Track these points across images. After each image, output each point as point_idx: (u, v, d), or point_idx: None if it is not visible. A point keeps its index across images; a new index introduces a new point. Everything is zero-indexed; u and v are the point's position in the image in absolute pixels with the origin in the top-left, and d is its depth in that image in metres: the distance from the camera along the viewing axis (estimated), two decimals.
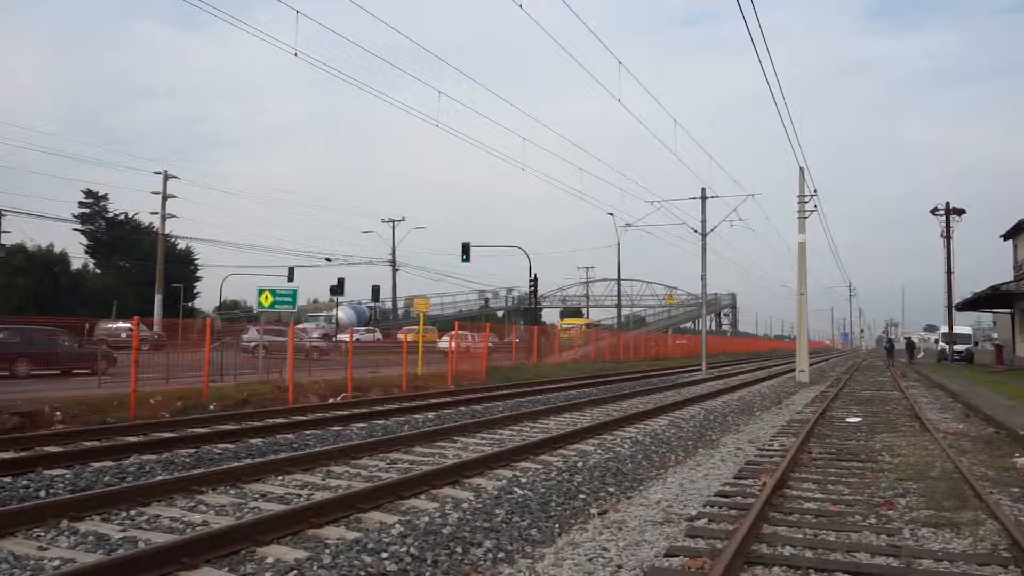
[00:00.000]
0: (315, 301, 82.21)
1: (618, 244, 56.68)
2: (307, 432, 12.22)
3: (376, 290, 58.69)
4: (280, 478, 8.60)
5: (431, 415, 15.04)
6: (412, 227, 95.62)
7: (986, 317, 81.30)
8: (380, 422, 13.73)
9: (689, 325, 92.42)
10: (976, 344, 66.78)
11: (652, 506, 7.55)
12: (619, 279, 60.82)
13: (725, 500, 7.74)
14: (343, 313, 60.53)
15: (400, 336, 37.51)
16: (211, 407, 15.23)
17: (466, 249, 43.65)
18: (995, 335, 66.83)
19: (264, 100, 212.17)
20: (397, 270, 58.00)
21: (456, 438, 12.09)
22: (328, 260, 53.26)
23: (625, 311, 74.83)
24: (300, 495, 7.77)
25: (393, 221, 57.97)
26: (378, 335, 51.05)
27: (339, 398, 18.09)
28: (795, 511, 7.25)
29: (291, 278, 48.91)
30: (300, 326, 32.06)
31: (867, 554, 5.80)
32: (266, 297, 20.74)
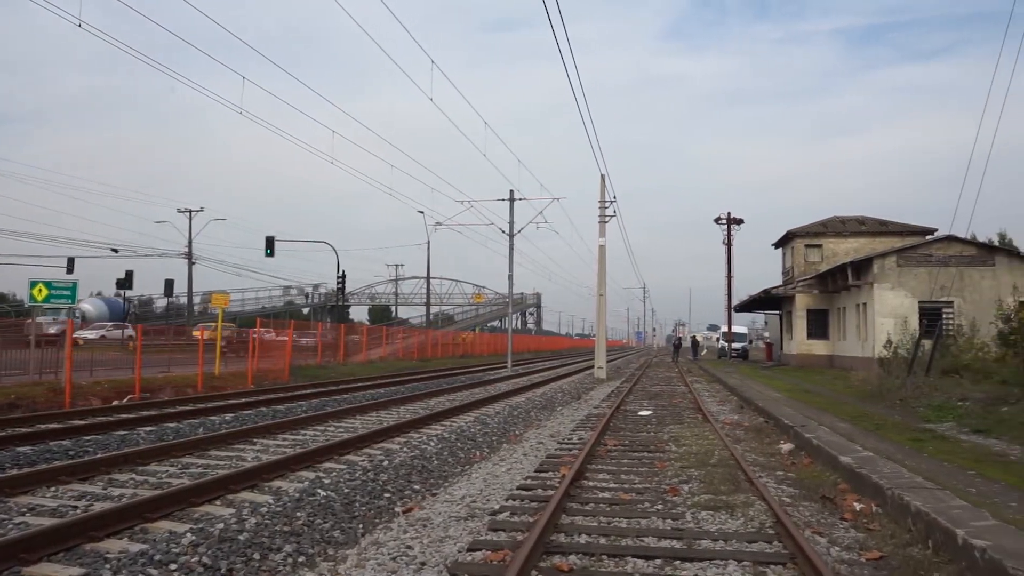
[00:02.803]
0: (99, 294, 75.62)
1: (428, 242, 56.87)
2: (86, 438, 11.19)
3: (169, 284, 55.00)
4: (53, 489, 7.82)
5: (229, 416, 14.30)
6: (211, 218, 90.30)
7: (759, 317, 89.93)
8: (171, 425, 12.86)
9: (496, 323, 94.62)
10: (751, 342, 73.68)
11: (456, 502, 7.64)
12: (428, 277, 61.11)
13: (527, 493, 7.99)
14: (90, 306, 55.51)
15: (196, 334, 35.26)
16: None
17: (270, 243, 42.00)
18: (766, 334, 74.06)
19: (46, 74, 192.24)
20: (194, 263, 54.61)
21: (256, 440, 11.59)
22: (115, 251, 49.11)
23: (434, 309, 75.33)
24: (76, 507, 7.11)
25: (190, 211, 54.53)
26: (130, 331, 45.48)
27: (125, 400, 16.74)
28: (591, 501, 7.62)
29: (70, 270, 44.60)
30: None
31: (654, 538, 6.22)
32: (39, 290, 18.77)
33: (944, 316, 27.57)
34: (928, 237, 33.93)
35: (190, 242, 54.15)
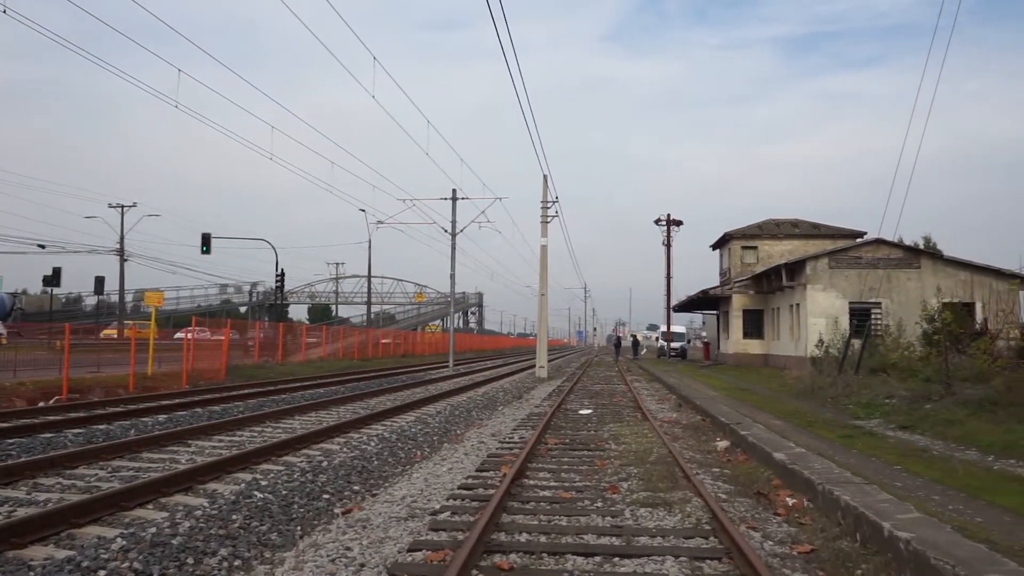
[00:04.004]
0: (24, 292, 72.85)
1: (369, 241, 56.41)
2: (9, 440, 10.74)
3: (100, 281, 53.27)
4: None
5: (162, 418, 13.92)
6: (145, 214, 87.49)
7: (698, 317, 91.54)
8: (101, 427, 12.45)
9: (438, 323, 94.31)
10: (689, 342, 74.97)
11: (397, 502, 7.60)
12: (369, 276, 60.55)
13: (468, 493, 7.98)
14: None
15: (132, 334, 34.25)
16: None
17: (206, 240, 41.03)
18: (704, 334, 75.48)
19: None
20: (126, 260, 53.02)
21: (190, 441, 11.32)
22: (42, 247, 47.34)
23: (375, 308, 74.63)
24: None
25: (122, 206, 52.91)
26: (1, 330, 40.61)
27: (52, 401, 16.16)
28: (532, 499, 7.65)
29: None
30: None
31: (594, 535, 6.28)
32: None
33: (873, 316, 28.52)
34: (858, 240, 35.04)
35: (122, 238, 52.60)
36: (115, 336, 42.01)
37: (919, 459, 8.85)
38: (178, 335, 35.54)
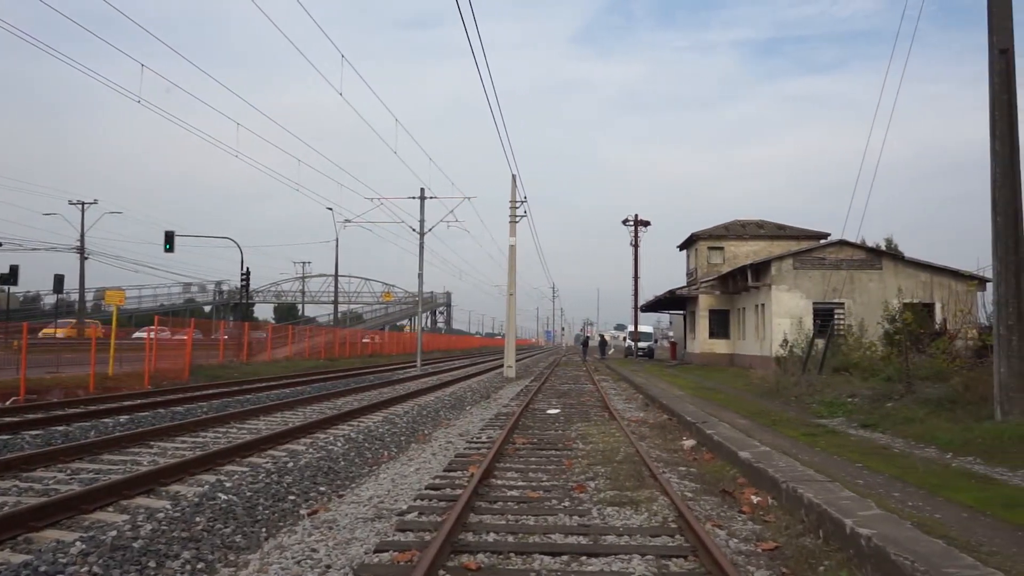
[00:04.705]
0: None
1: (336, 240, 56.01)
2: None
3: (59, 280, 52.19)
4: None
5: (123, 419, 13.67)
6: (106, 211, 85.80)
7: (665, 317, 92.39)
8: (60, 428, 12.19)
9: (405, 322, 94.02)
10: (656, 341, 75.60)
11: (364, 503, 7.55)
12: (336, 275, 60.15)
13: (435, 493, 7.96)
14: None
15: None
16: None
17: (170, 238, 40.47)
18: (671, 333, 76.15)
19: None
20: (87, 258, 52.04)
21: (152, 443, 11.13)
22: None
23: (342, 308, 74.17)
24: None
25: (83, 203, 51.94)
26: None
27: (8, 403, 15.79)
28: (499, 499, 7.64)
29: None
30: None
31: (561, 535, 6.29)
32: None
33: (836, 316, 28.98)
34: (822, 241, 35.56)
35: (82, 236, 51.64)
36: (56, 335, 41.03)
37: (880, 457, 9.00)
38: (137, 335, 34.94)
